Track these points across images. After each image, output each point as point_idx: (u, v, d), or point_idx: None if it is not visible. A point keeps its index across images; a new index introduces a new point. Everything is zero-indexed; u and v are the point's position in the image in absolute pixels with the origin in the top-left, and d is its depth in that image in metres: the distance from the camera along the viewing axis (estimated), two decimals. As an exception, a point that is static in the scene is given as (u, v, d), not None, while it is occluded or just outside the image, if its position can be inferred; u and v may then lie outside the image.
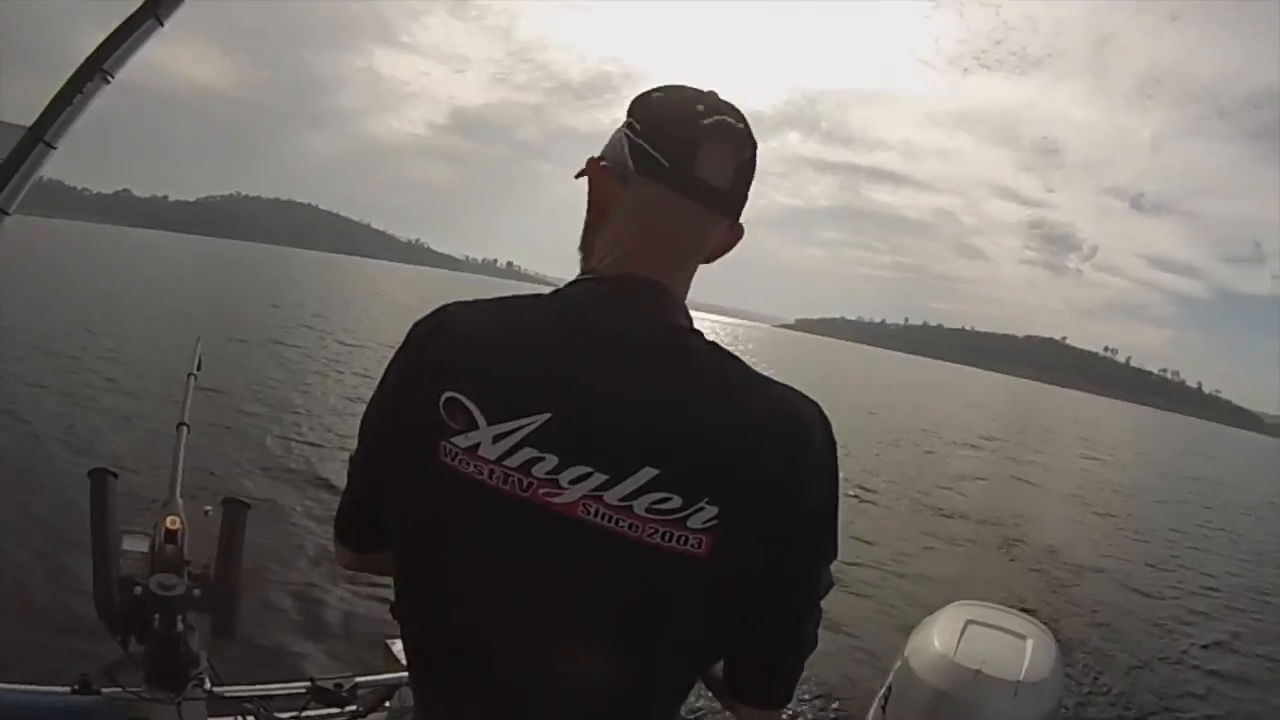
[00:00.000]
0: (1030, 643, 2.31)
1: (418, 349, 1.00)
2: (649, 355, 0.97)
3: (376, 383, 1.03)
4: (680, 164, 0.99)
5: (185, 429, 1.76)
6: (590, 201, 1.10)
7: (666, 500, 0.90)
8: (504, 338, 0.99)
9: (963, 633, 2.30)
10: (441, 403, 0.95)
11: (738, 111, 1.04)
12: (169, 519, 1.51)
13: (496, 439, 0.92)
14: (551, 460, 0.91)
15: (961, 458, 20.22)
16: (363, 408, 1.08)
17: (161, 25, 1.42)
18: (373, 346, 21.46)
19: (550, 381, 0.95)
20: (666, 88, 1.05)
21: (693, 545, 0.91)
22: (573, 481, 0.91)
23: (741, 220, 1.09)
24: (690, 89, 1.04)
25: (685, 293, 1.08)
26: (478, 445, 0.93)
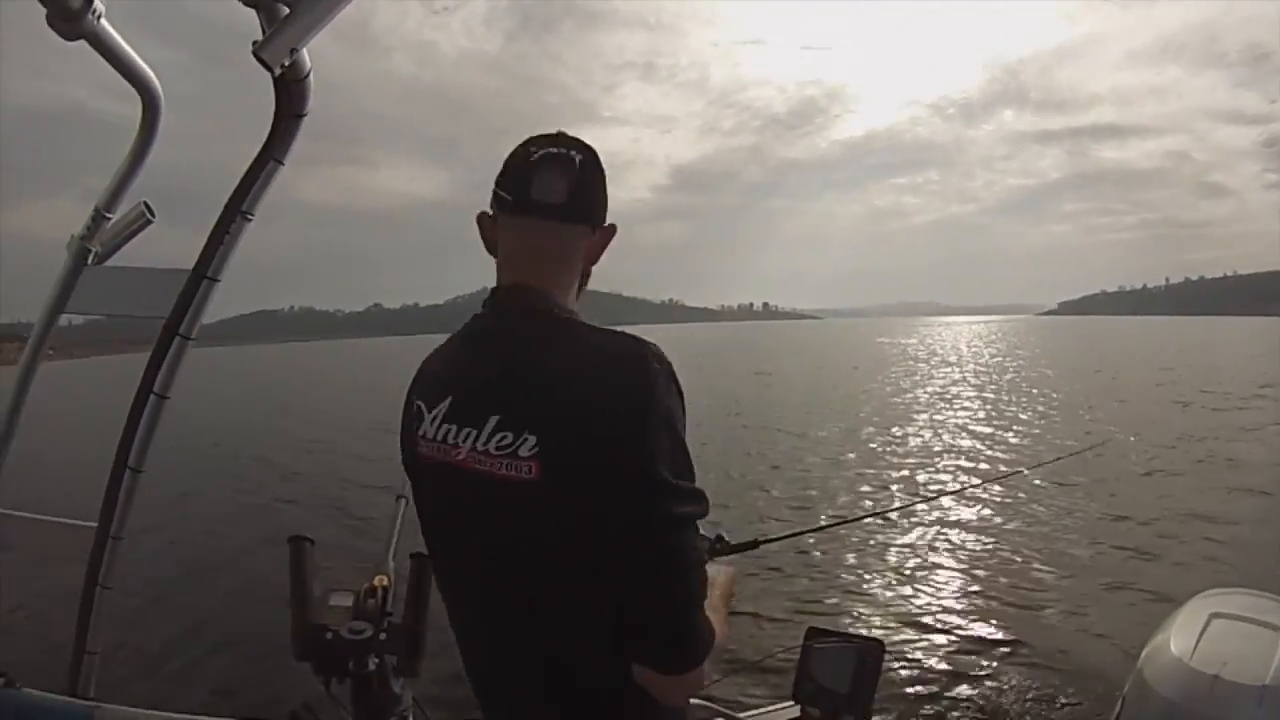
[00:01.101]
0: (1283, 635, 2.03)
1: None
2: (510, 335, 1.21)
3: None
4: (519, 194, 1.23)
5: (404, 501, 1.87)
6: (485, 243, 1.31)
7: (505, 438, 1.11)
8: (438, 356, 1.30)
9: (1204, 630, 2.05)
10: (412, 409, 1.26)
11: (572, 141, 1.27)
12: (378, 578, 1.68)
13: (431, 422, 1.21)
14: (451, 428, 1.18)
15: (1243, 420, 18.13)
16: None
17: (282, 164, 1.66)
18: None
19: (453, 375, 1.24)
20: (522, 142, 1.28)
21: (525, 472, 1.10)
22: (462, 440, 1.16)
23: (614, 223, 1.31)
24: (538, 137, 1.28)
25: (569, 288, 1.28)
26: (424, 431, 1.22)
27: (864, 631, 5.86)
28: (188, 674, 5.88)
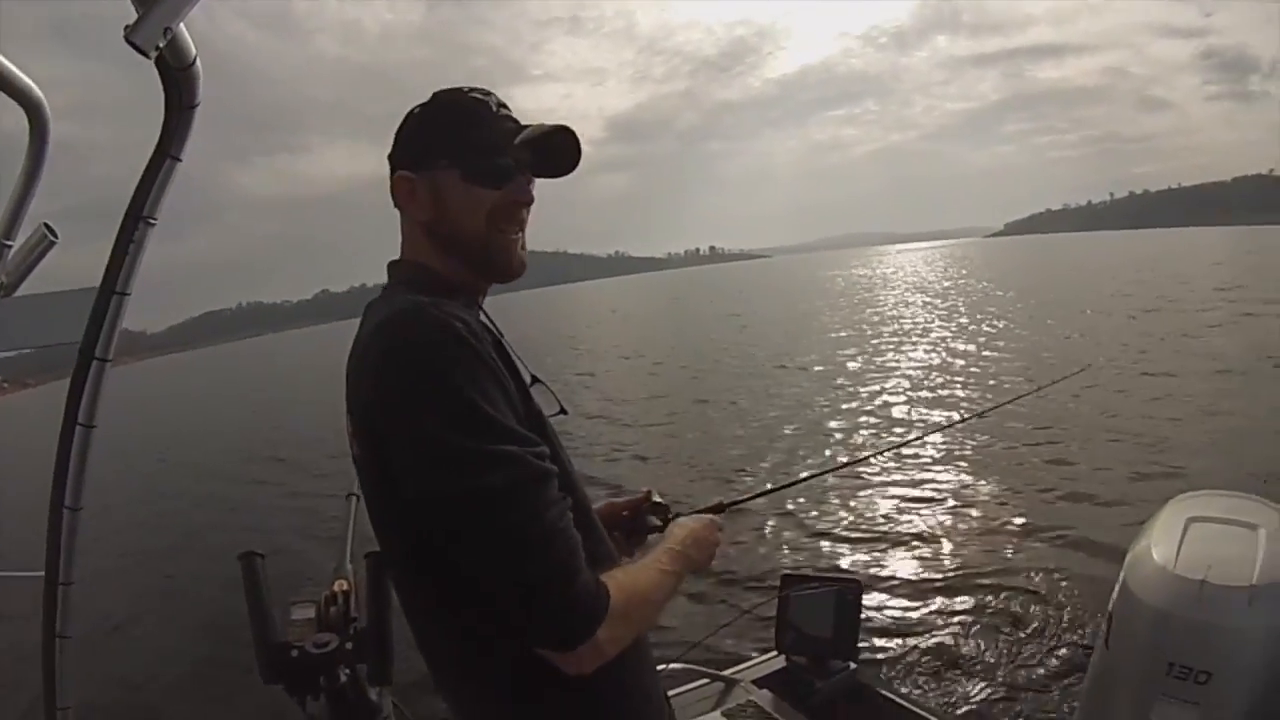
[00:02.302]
0: (1263, 533, 2.00)
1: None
2: (369, 313, 1.22)
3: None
4: None
5: (356, 498, 1.82)
6: None
7: (348, 421, 1.17)
8: None
9: (1184, 535, 2.05)
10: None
11: None
12: (337, 583, 1.60)
13: None
14: None
15: (1204, 325, 18.28)
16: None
17: (179, 160, 1.56)
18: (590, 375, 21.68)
19: None
20: None
21: (355, 450, 1.18)
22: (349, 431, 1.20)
23: (403, 173, 1.30)
24: None
25: (423, 251, 1.30)
26: None
27: (839, 574, 5.88)
28: (168, 716, 5.78)
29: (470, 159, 1.25)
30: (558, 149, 1.29)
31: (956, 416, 10.71)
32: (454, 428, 1.01)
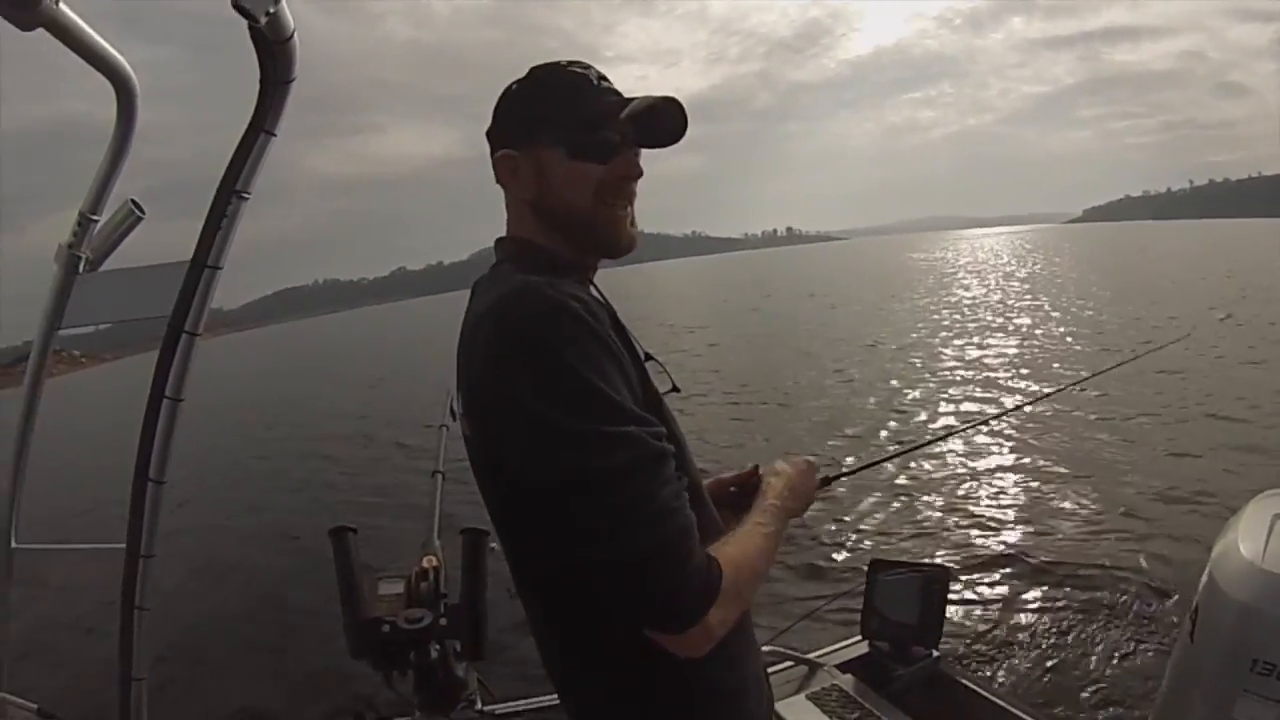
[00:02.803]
0: (1351, 530, 1.98)
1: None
2: (478, 292, 1.24)
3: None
4: None
5: (441, 476, 1.92)
6: None
7: (459, 400, 1.18)
8: None
9: (1271, 529, 2.01)
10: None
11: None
12: (426, 559, 1.63)
13: None
14: None
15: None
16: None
17: (274, 135, 1.57)
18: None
19: None
20: None
21: (466, 429, 1.17)
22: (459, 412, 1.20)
23: (507, 151, 1.27)
24: None
25: (530, 229, 1.28)
26: None
27: (928, 560, 5.88)
28: (241, 691, 5.75)
29: (575, 134, 1.22)
30: (664, 119, 1.26)
31: (1047, 390, 10.57)
32: (569, 409, 1.00)
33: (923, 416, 11.69)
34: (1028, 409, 10.29)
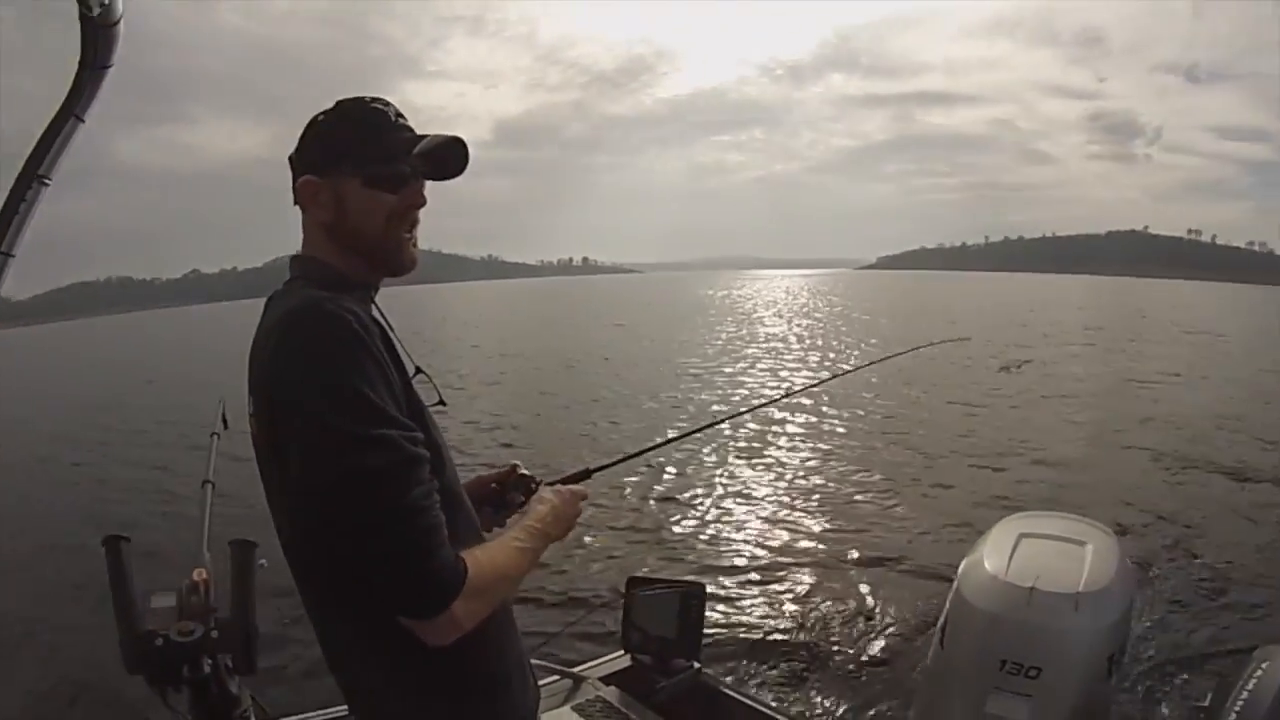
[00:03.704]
0: (1090, 548, 2.19)
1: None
2: (271, 306, 1.31)
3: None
4: None
5: (211, 486, 1.86)
6: None
7: (250, 404, 1.26)
8: None
9: (1015, 548, 2.21)
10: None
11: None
12: (196, 571, 1.53)
13: None
14: None
15: (1059, 365, 19.42)
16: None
17: (83, 121, 1.53)
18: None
19: None
20: None
21: (254, 430, 1.25)
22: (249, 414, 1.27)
23: (309, 177, 1.35)
24: None
25: (323, 250, 1.37)
26: None
27: (684, 578, 6.04)
28: (15, 709, 5.28)
29: (371, 166, 1.33)
30: (450, 156, 1.39)
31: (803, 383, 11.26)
32: (338, 412, 1.10)
33: (682, 421, 12.44)
34: (779, 414, 11.42)
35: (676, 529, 7.64)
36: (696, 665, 2.68)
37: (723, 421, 9.07)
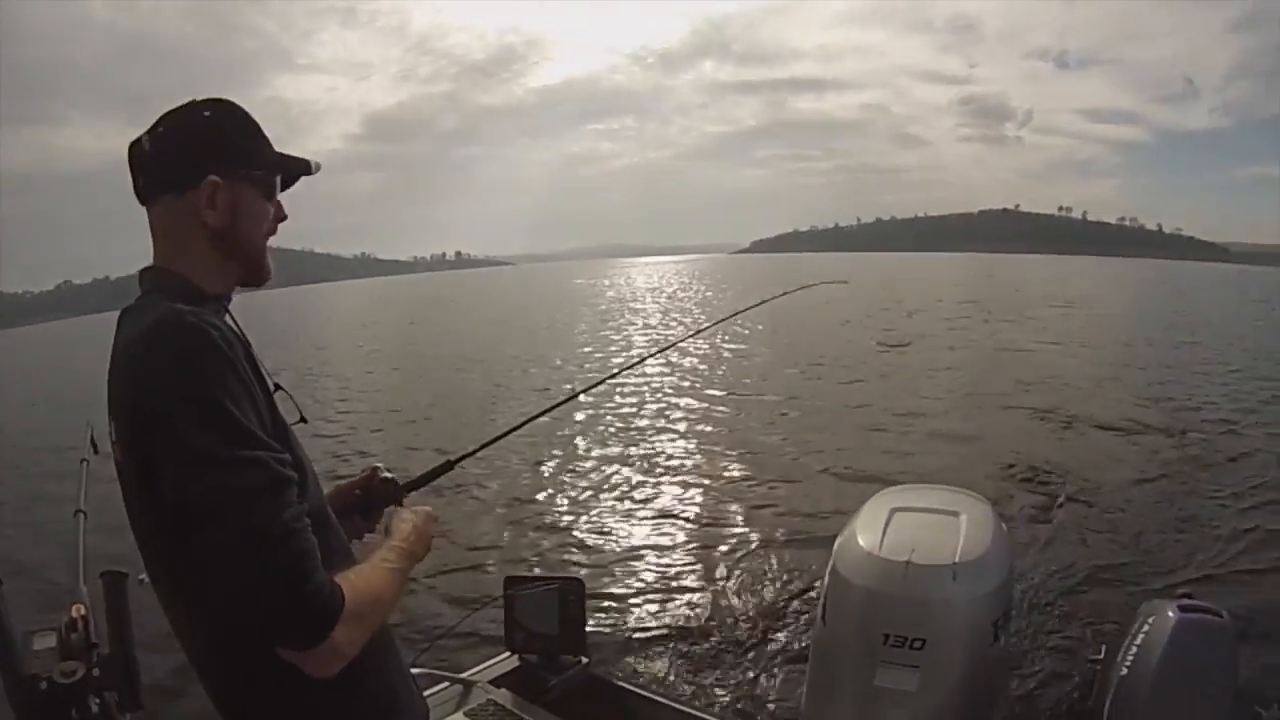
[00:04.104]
0: (964, 518, 2.22)
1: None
2: (126, 321, 1.24)
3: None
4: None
5: (83, 515, 1.78)
6: None
7: (111, 428, 1.19)
8: None
9: (888, 523, 2.23)
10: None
11: (165, 117, 1.28)
12: (74, 607, 1.47)
13: None
14: None
15: (936, 339, 19.88)
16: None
17: None
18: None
19: None
20: None
21: (119, 455, 1.18)
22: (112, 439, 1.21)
23: (214, 179, 1.26)
24: None
25: (191, 261, 1.29)
26: None
27: (563, 568, 6.04)
28: None
29: (263, 171, 1.32)
30: (301, 169, 1.39)
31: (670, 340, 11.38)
32: (206, 433, 1.05)
33: (546, 403, 12.40)
34: (644, 385, 11.81)
35: (547, 518, 7.55)
36: (584, 660, 2.67)
37: (581, 394, 9.20)
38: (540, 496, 8.20)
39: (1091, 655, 2.84)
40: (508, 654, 2.73)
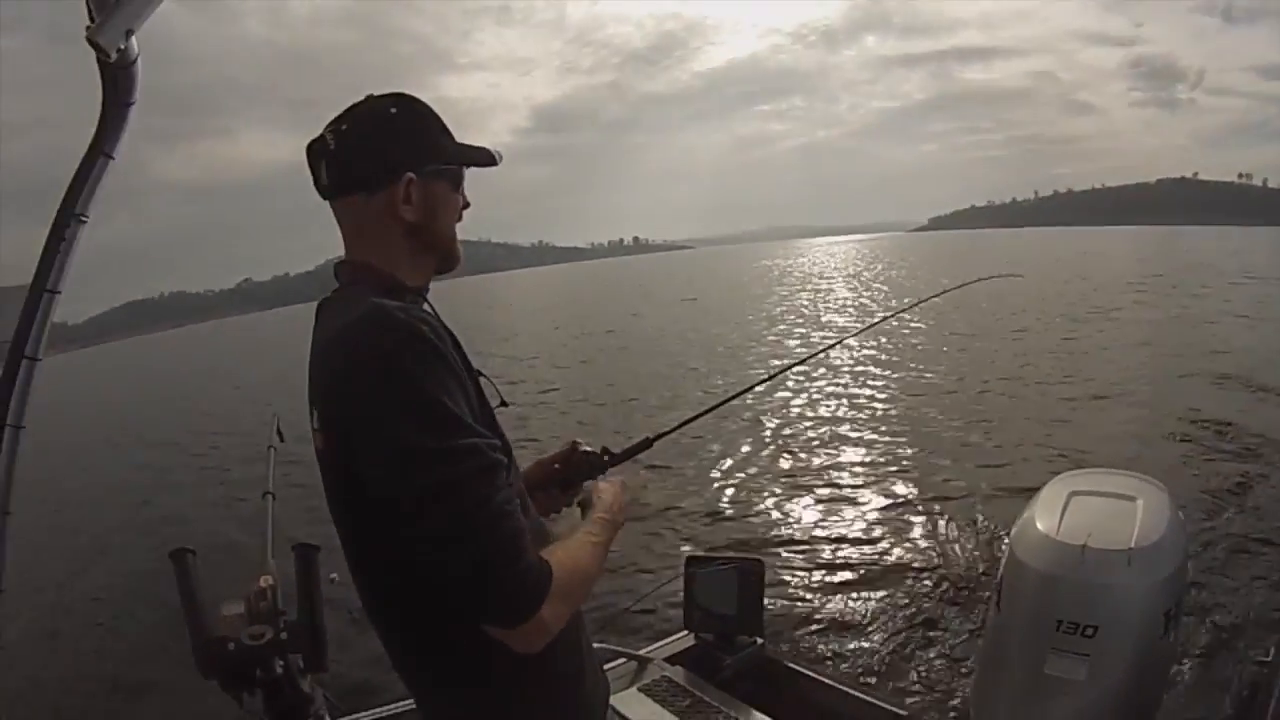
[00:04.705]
0: (1140, 503, 2.19)
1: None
2: (326, 310, 1.31)
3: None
4: (315, 185, 1.33)
5: (271, 497, 1.90)
6: None
7: (312, 412, 1.24)
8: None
9: (1065, 506, 2.21)
10: None
11: (349, 113, 1.31)
12: (262, 579, 1.57)
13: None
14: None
15: (1118, 319, 19.00)
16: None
17: (113, 158, 1.56)
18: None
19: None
20: None
21: (319, 443, 1.23)
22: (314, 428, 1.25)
23: (411, 175, 1.31)
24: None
25: (384, 256, 1.33)
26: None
27: (743, 549, 6.07)
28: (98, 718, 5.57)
29: (452, 164, 1.36)
30: (483, 158, 1.41)
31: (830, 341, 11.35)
32: (421, 427, 1.09)
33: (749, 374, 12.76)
34: (829, 370, 11.89)
35: (730, 498, 7.72)
36: (760, 641, 2.73)
37: (762, 382, 9.27)
38: (724, 477, 8.39)
39: (1260, 657, 2.75)
40: (685, 633, 2.82)
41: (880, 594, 5.36)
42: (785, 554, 6.24)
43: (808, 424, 10.26)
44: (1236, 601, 4.75)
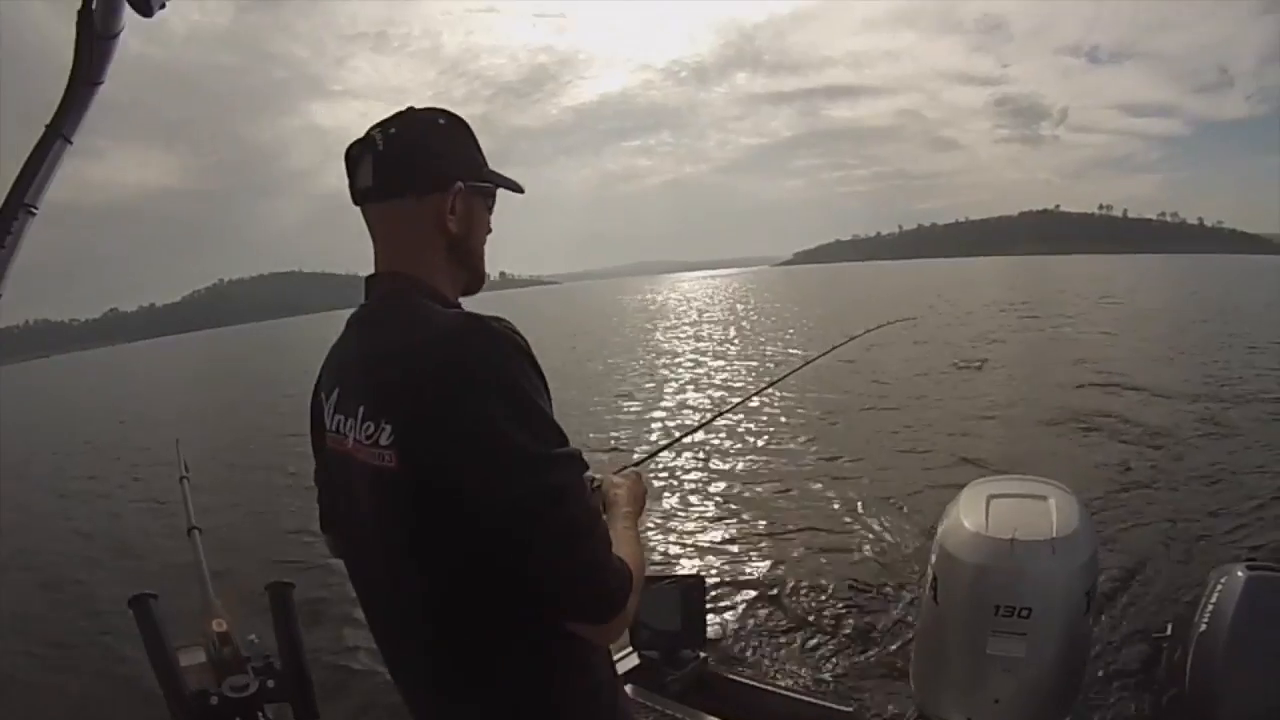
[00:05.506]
0: (1052, 501, 2.50)
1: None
2: (373, 322, 1.26)
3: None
4: (352, 188, 1.28)
5: (198, 532, 1.76)
6: None
7: (369, 427, 1.14)
8: (334, 345, 1.32)
9: (988, 507, 2.49)
10: (317, 401, 1.31)
11: (398, 118, 1.27)
12: (214, 623, 1.49)
13: (329, 413, 1.26)
14: (340, 418, 1.22)
15: (988, 342, 20.15)
16: None
17: (71, 142, 1.37)
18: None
19: (337, 364, 1.29)
20: None
21: (386, 460, 1.13)
22: (348, 430, 1.19)
23: (461, 182, 1.28)
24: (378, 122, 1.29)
25: (427, 264, 1.28)
26: (327, 423, 1.27)
27: (683, 570, 6.18)
28: None
29: (487, 181, 1.34)
30: (515, 187, 1.40)
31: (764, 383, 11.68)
32: (535, 435, 1.10)
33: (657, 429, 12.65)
34: (741, 414, 11.59)
35: (670, 524, 7.80)
36: (702, 655, 2.81)
37: (697, 430, 9.43)
38: (655, 504, 8.40)
39: (1169, 620, 3.12)
40: (630, 650, 2.84)
41: (814, 602, 5.54)
42: (722, 570, 6.39)
43: (742, 461, 10.32)
44: (1142, 575, 5.27)
